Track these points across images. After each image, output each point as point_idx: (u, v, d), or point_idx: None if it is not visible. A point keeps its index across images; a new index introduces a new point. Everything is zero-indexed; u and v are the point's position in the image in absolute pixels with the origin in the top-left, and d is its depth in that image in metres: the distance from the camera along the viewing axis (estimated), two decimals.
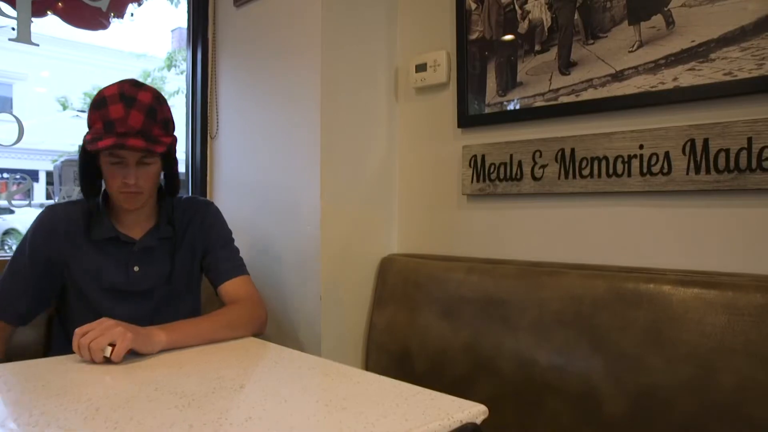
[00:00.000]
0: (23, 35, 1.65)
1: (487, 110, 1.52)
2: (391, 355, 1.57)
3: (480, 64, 1.53)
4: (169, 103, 1.24)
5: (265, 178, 1.76)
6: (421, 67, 1.66)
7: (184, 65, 2.14)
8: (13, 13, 1.63)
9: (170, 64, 9.23)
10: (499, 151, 1.48)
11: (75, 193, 2.00)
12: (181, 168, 2.07)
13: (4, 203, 1.76)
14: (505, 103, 1.48)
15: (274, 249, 1.72)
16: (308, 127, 1.60)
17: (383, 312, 1.62)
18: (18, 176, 1.81)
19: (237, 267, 1.35)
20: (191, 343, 1.11)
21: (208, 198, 2.02)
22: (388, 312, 1.61)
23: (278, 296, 1.70)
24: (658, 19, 1.21)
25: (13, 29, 1.64)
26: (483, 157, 1.52)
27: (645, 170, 1.22)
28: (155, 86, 1.24)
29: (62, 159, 3.36)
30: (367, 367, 1.64)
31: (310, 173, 1.59)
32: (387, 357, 1.58)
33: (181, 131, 2.08)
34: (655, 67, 1.22)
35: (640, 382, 1.11)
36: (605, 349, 1.17)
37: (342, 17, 1.61)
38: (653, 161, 1.21)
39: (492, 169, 1.50)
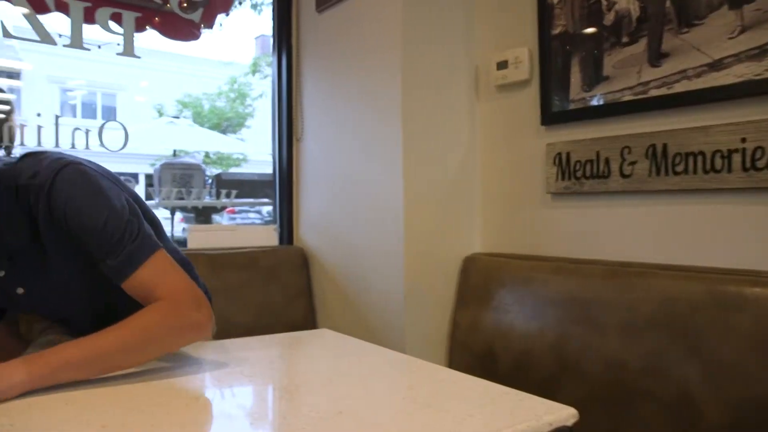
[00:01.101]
0: (128, 49, 1.80)
1: (571, 106, 1.48)
2: (475, 355, 1.56)
3: (563, 59, 1.49)
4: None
5: (349, 178, 1.81)
6: (502, 65, 1.64)
7: (268, 71, 2.23)
8: (120, 30, 1.78)
9: (255, 69, 9.65)
10: (585, 148, 1.44)
11: (173, 194, 2.14)
12: (268, 169, 2.16)
13: None
14: (589, 98, 1.44)
15: (359, 248, 1.76)
16: (390, 127, 1.62)
17: (466, 311, 1.62)
18: (122, 179, 1.96)
19: (130, 256, 0.89)
20: (73, 376, 0.81)
21: (295, 195, 2.08)
22: (471, 311, 1.60)
23: (363, 295, 1.73)
24: (763, 1, 1.13)
25: (118, 44, 1.79)
26: (568, 154, 1.48)
27: (748, 165, 1.14)
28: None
29: (160, 163, 3.60)
30: (451, 366, 1.64)
31: (393, 173, 1.61)
32: (471, 356, 1.58)
33: (267, 134, 2.18)
34: (760, 53, 1.13)
35: (744, 393, 1.04)
36: (703, 355, 1.10)
37: (422, 17, 1.62)
38: (758, 155, 1.13)
39: (578, 167, 1.46)
